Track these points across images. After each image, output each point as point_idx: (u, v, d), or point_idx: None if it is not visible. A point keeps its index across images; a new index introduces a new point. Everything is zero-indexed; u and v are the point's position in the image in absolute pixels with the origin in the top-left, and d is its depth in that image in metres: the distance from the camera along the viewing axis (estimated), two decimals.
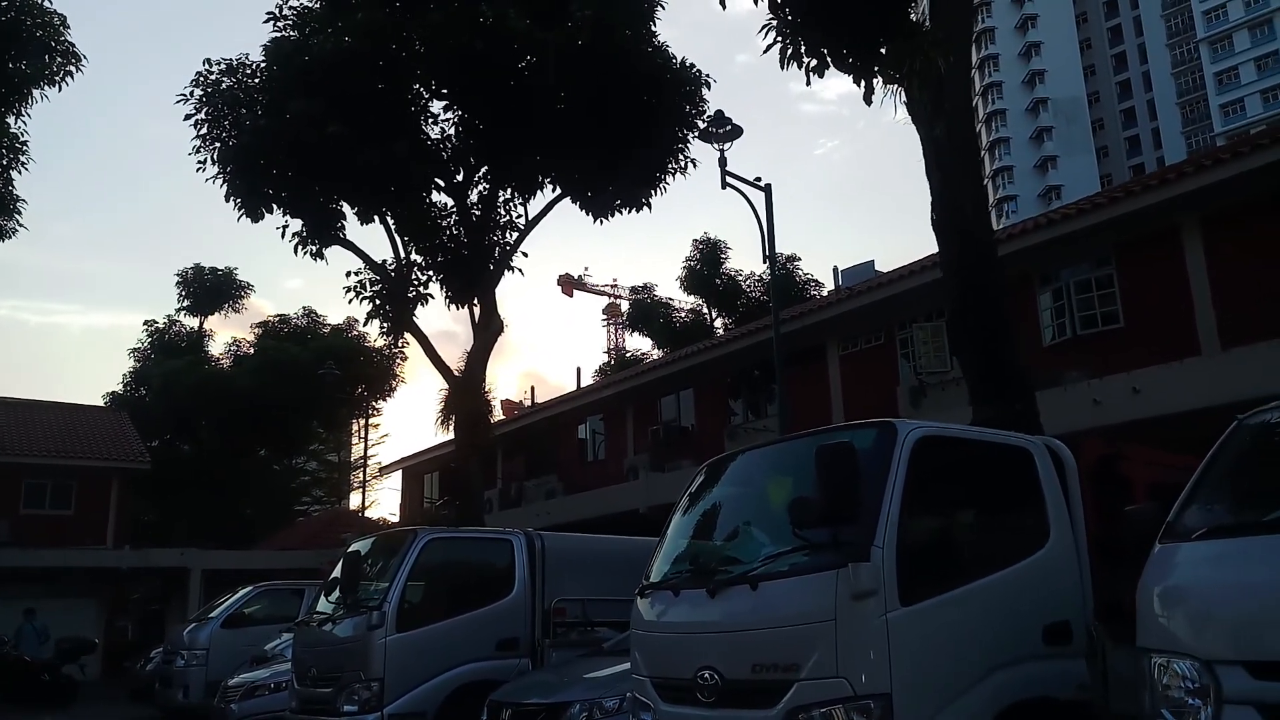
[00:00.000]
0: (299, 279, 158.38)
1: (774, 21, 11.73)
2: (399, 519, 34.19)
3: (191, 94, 17.92)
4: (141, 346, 41.70)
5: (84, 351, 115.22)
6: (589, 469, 25.65)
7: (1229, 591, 3.45)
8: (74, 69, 19.97)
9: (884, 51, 11.25)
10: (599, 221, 21.19)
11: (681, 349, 28.24)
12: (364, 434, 31.28)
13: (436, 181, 20.24)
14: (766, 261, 15.15)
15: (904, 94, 10.94)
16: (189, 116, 17.84)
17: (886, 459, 4.71)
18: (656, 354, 45.93)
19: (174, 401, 36.06)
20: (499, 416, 41.10)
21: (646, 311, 47.07)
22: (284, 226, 18.84)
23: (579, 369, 36.65)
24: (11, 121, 19.72)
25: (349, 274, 20.06)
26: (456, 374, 20.48)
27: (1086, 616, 5.04)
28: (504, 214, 20.90)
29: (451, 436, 21.59)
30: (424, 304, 20.04)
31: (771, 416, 20.28)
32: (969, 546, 5.16)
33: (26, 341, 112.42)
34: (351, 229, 19.76)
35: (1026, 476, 5.26)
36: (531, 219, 20.91)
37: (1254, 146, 13.22)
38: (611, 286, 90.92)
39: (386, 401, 41.64)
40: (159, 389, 36.95)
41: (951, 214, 10.33)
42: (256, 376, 36.40)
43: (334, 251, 19.72)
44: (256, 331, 41.75)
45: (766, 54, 11.95)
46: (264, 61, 18.42)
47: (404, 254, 20.15)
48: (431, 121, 20.31)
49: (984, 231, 10.46)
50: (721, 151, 14.68)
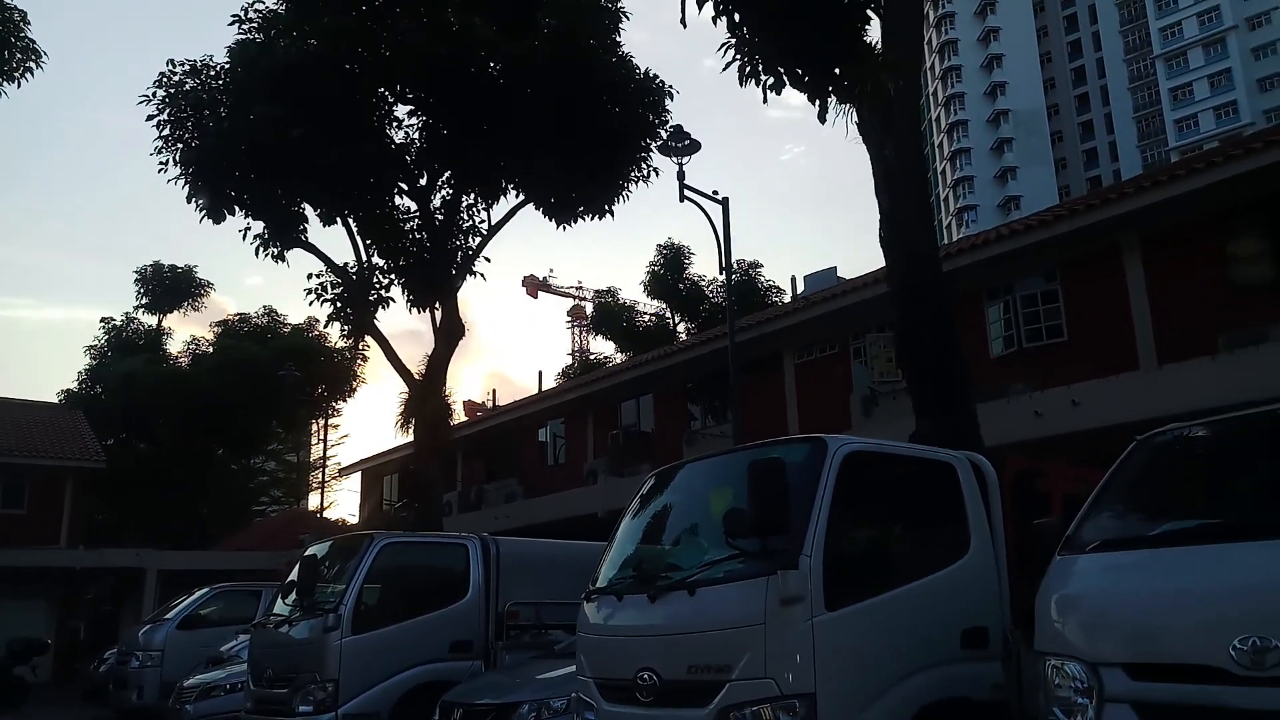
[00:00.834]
0: (260, 276, 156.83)
1: (733, 40, 12.11)
2: (358, 520, 34.17)
3: (154, 94, 17.91)
4: (98, 344, 41.28)
5: (39, 347, 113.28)
6: (549, 472, 25.84)
7: (1112, 600, 3.79)
8: (34, 65, 19.86)
9: (838, 72, 11.65)
10: (562, 228, 21.46)
11: (642, 355, 28.52)
12: (323, 434, 31.20)
13: (400, 185, 20.38)
14: (722, 273, 15.45)
15: (855, 114, 11.33)
16: (151, 118, 17.82)
17: (817, 473, 5.00)
18: (620, 357, 46.19)
19: (131, 400, 35.71)
20: (461, 418, 41.16)
21: (610, 315, 47.30)
22: (246, 229, 18.90)
23: (540, 373, 36.86)
24: None
25: (310, 276, 20.15)
26: (417, 377, 20.62)
27: (1004, 622, 5.36)
28: (467, 219, 21.07)
29: (412, 439, 21.70)
30: (385, 307, 20.15)
31: (730, 422, 20.62)
32: (892, 555, 5.47)
33: None
34: (314, 230, 19.83)
35: (950, 490, 5.59)
36: (494, 224, 21.11)
37: (1190, 170, 13.75)
38: (576, 289, 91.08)
39: (347, 402, 41.55)
40: (116, 387, 36.58)
41: (899, 232, 10.68)
42: (215, 375, 36.16)
43: (296, 253, 19.81)
44: (216, 330, 41.47)
45: (726, 71, 12.40)
46: (228, 63, 18.46)
47: (366, 257, 20.26)
48: (396, 125, 20.45)
49: (930, 250, 10.81)
50: (680, 165, 15.00)
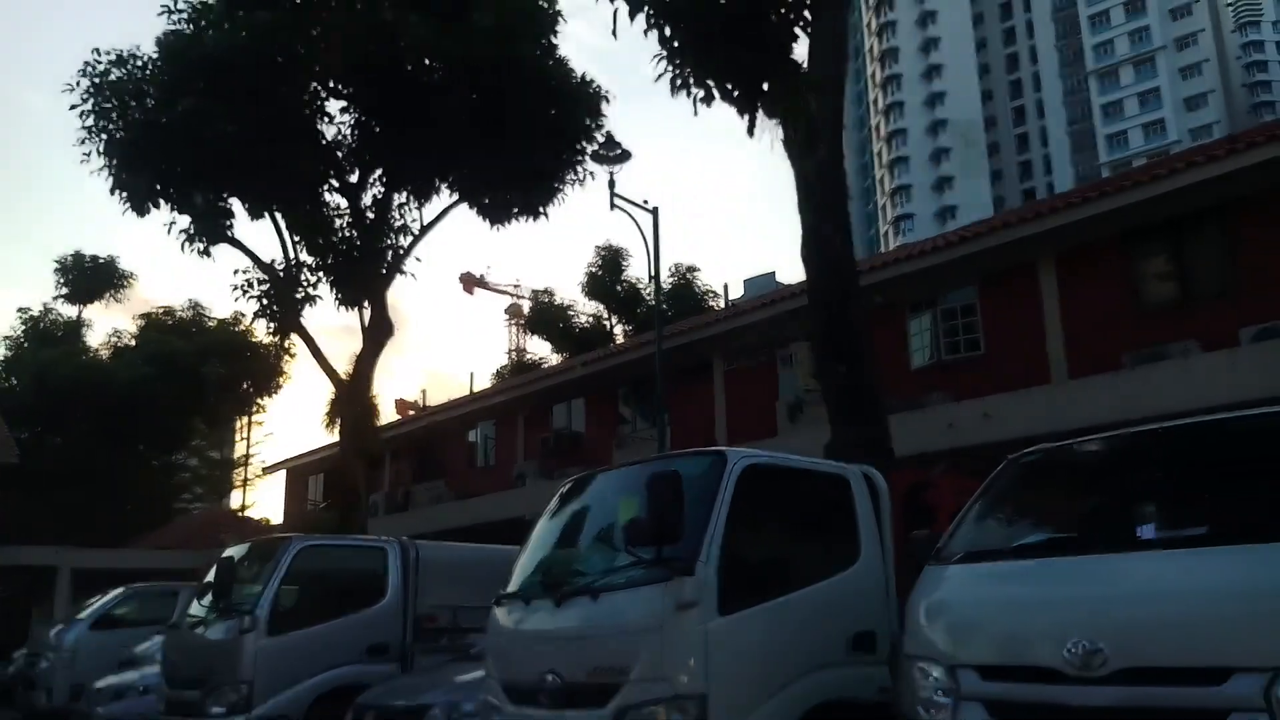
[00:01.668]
0: (187, 268, 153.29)
1: (665, 52, 12.34)
2: (282, 520, 33.68)
3: (78, 84, 17.58)
4: (14, 335, 40.09)
5: None
6: (478, 474, 25.83)
7: (968, 607, 4.08)
8: None
9: (766, 88, 11.96)
10: (496, 228, 21.52)
11: (575, 358, 28.62)
12: (248, 432, 30.70)
13: (330, 182, 20.25)
14: (652, 281, 15.69)
15: (781, 130, 11.64)
16: (74, 107, 17.50)
17: (716, 484, 5.22)
18: (556, 358, 46.21)
19: (47, 393, 34.73)
20: (394, 416, 40.80)
21: (546, 316, 47.27)
22: (171, 223, 18.62)
23: (472, 374, 36.80)
24: None
25: (236, 272, 19.94)
26: (345, 376, 20.49)
27: (891, 626, 5.63)
28: (399, 217, 21.00)
29: (338, 438, 21.55)
30: (312, 305, 20.03)
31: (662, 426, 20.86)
32: (785, 563, 5.71)
33: None
34: (241, 225, 19.66)
35: (843, 501, 5.85)
36: (426, 223, 21.09)
37: (1100, 193, 14.36)
38: (514, 286, 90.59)
39: (273, 398, 40.94)
40: (31, 379, 35.59)
41: (819, 247, 10.99)
42: (137, 369, 35.37)
43: (222, 248, 19.56)
44: (139, 322, 40.53)
45: (658, 81, 12.62)
46: (156, 54, 18.19)
47: (294, 254, 20.09)
48: (328, 121, 20.34)
49: (848, 266, 11.13)
50: (611, 174, 15.20)
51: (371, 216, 20.49)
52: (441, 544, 10.96)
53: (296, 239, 20.29)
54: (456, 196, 20.82)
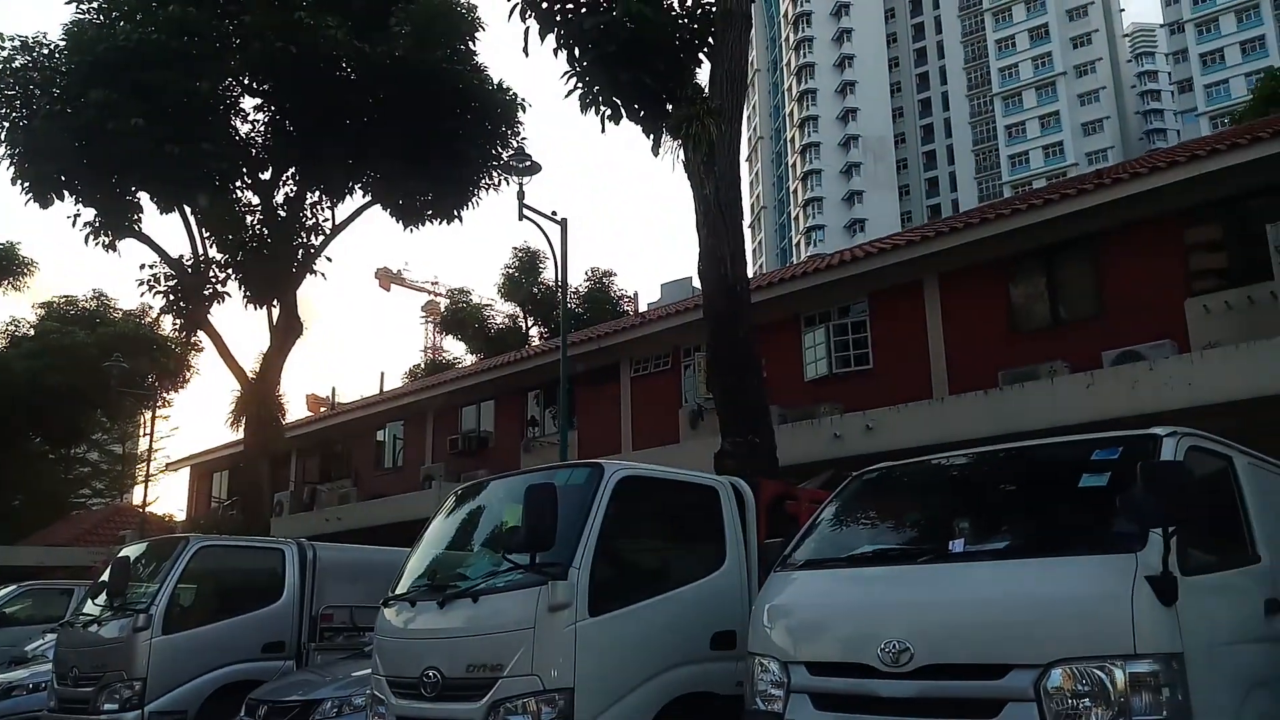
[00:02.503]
0: (94, 259, 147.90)
1: (575, 70, 12.77)
2: (186, 517, 33.08)
3: None
4: None
5: None
6: (386, 475, 25.86)
7: (802, 610, 4.62)
8: None
9: (670, 109, 12.47)
10: (409, 230, 21.65)
11: (485, 361, 28.77)
12: (151, 426, 30.09)
13: (243, 178, 20.17)
14: (560, 292, 16.06)
15: (682, 152, 12.16)
16: None
17: (592, 494, 5.67)
18: (471, 359, 46.15)
19: None
20: (305, 412, 40.27)
21: (461, 316, 47.18)
22: (76, 215, 18.35)
23: (382, 373, 36.58)
24: None
25: (142, 267, 19.72)
26: (252, 374, 20.42)
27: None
28: (311, 216, 21.04)
29: (243, 436, 21.41)
30: (220, 302, 19.94)
31: (570, 430, 21.24)
32: (655, 568, 6.19)
33: None
34: (150, 218, 19.43)
35: (712, 510, 6.35)
36: (339, 223, 21.15)
37: (981, 219, 15.26)
38: (432, 284, 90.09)
39: (178, 393, 40.11)
40: None
41: (714, 266, 11.54)
42: (35, 359, 34.33)
43: (129, 241, 19.31)
44: (39, 312, 39.28)
45: (568, 99, 13.04)
46: (64, 43, 17.91)
47: (203, 250, 19.96)
48: (242, 118, 20.27)
49: (741, 285, 11.69)
50: (520, 186, 15.54)
51: (283, 214, 20.47)
52: (340, 546, 11.22)
53: (206, 234, 20.17)
54: (370, 197, 20.92)
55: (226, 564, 9.81)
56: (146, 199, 18.92)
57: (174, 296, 19.61)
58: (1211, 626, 4.01)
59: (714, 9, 12.29)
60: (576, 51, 12.37)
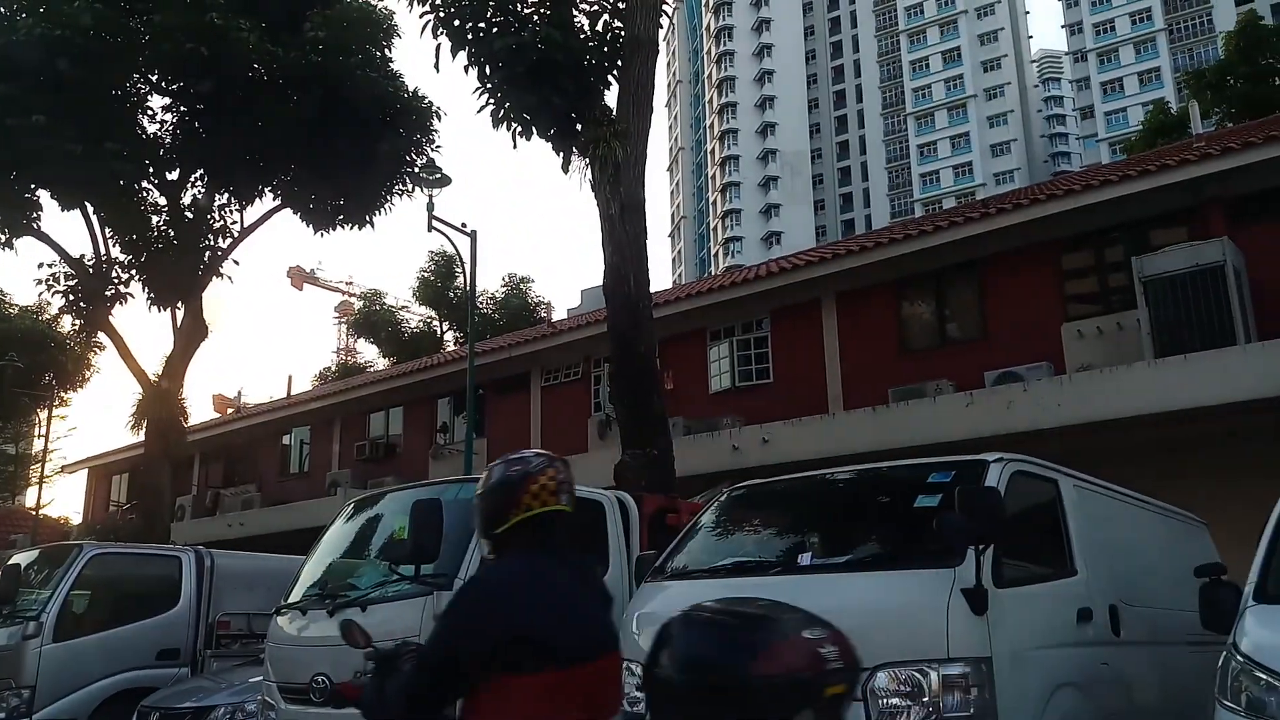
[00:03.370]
0: None
1: (487, 86, 13.05)
2: (82, 521, 32.16)
3: None
4: None
5: None
6: (291, 481, 25.60)
7: (662, 618, 4.98)
8: None
9: (579, 128, 12.83)
10: (319, 234, 21.59)
11: (396, 368, 28.66)
12: (47, 427, 29.23)
13: (149, 178, 19.88)
14: (469, 303, 16.27)
15: (590, 172, 12.52)
16: None
17: None
18: (384, 362, 45.76)
19: None
20: (211, 413, 39.39)
21: (374, 320, 46.76)
22: None
23: (290, 377, 36.10)
24: None
25: (41, 265, 19.30)
26: (154, 378, 20.10)
27: None
28: (219, 218, 20.83)
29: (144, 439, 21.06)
30: (123, 303, 19.63)
31: (478, 440, 21.39)
32: None
33: None
34: (50, 214, 19.04)
35: (597, 523, 6.72)
36: (248, 226, 20.97)
37: (875, 244, 15.99)
38: (346, 284, 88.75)
39: (77, 393, 38.88)
40: None
41: (618, 283, 11.94)
42: None
43: (28, 240, 18.89)
44: None
45: (480, 113, 13.31)
46: None
47: (105, 250, 19.61)
48: (149, 117, 19.98)
49: (644, 303, 12.10)
50: (430, 198, 15.72)
51: (190, 216, 20.24)
52: (238, 553, 11.27)
53: (110, 234, 19.83)
54: (279, 201, 20.81)
55: (121, 571, 9.82)
56: (47, 197, 18.56)
57: (74, 297, 19.24)
58: (1022, 633, 4.50)
59: (623, 34, 12.70)
60: (487, 70, 12.67)
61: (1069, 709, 4.69)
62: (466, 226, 15.68)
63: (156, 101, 19.95)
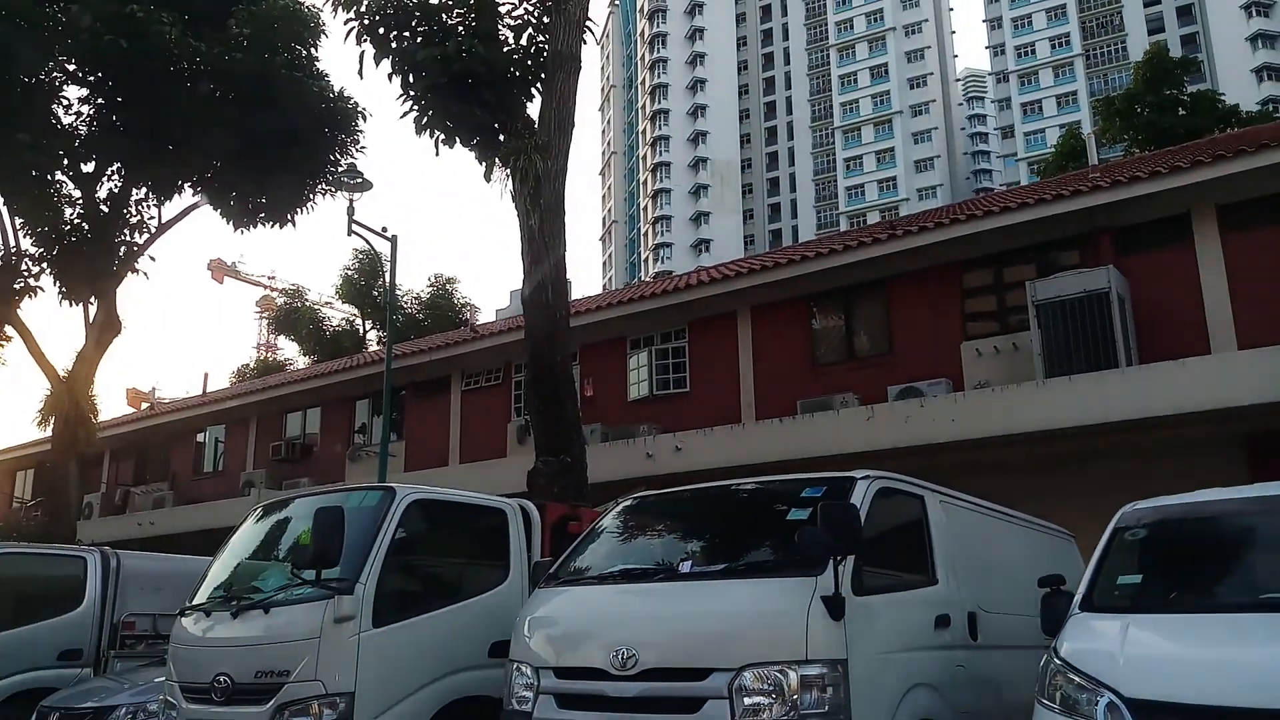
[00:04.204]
0: None
1: (411, 94, 13.19)
2: None
3: None
4: None
5: None
6: (205, 480, 25.24)
7: (552, 622, 5.33)
8: None
9: (502, 139, 13.05)
10: (239, 231, 21.39)
11: (314, 368, 28.40)
12: None
13: (63, 170, 19.51)
14: (388, 308, 16.36)
15: (510, 183, 12.74)
16: None
17: (383, 515, 6.20)
18: (304, 360, 45.16)
19: None
20: (125, 409, 38.41)
21: (295, 317, 46.14)
22: None
23: (206, 374, 35.46)
24: None
25: None
26: (64, 373, 19.70)
27: None
28: (135, 213, 20.50)
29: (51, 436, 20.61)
30: (32, 296, 19.22)
31: (397, 442, 21.40)
32: (440, 583, 6.77)
33: None
34: None
35: (499, 530, 6.98)
36: (165, 222, 20.71)
37: (788, 260, 16.53)
38: (269, 278, 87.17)
39: None
40: None
41: (536, 293, 12.20)
42: None
43: None
44: None
45: (403, 119, 13.43)
46: None
47: (15, 242, 19.19)
48: (65, 108, 19.61)
49: (561, 312, 12.38)
50: (351, 202, 15.78)
51: (106, 210, 19.90)
52: (146, 554, 11.25)
53: (19, 224, 19.40)
54: (199, 197, 20.59)
55: (23, 571, 9.76)
56: None
57: None
58: (879, 637, 4.91)
59: (547, 49, 12.95)
60: (411, 78, 12.82)
61: (923, 706, 5.12)
62: (387, 231, 15.78)
63: (73, 92, 19.60)
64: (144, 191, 20.36)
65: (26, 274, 19.00)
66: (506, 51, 13.05)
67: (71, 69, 18.97)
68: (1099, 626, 4.53)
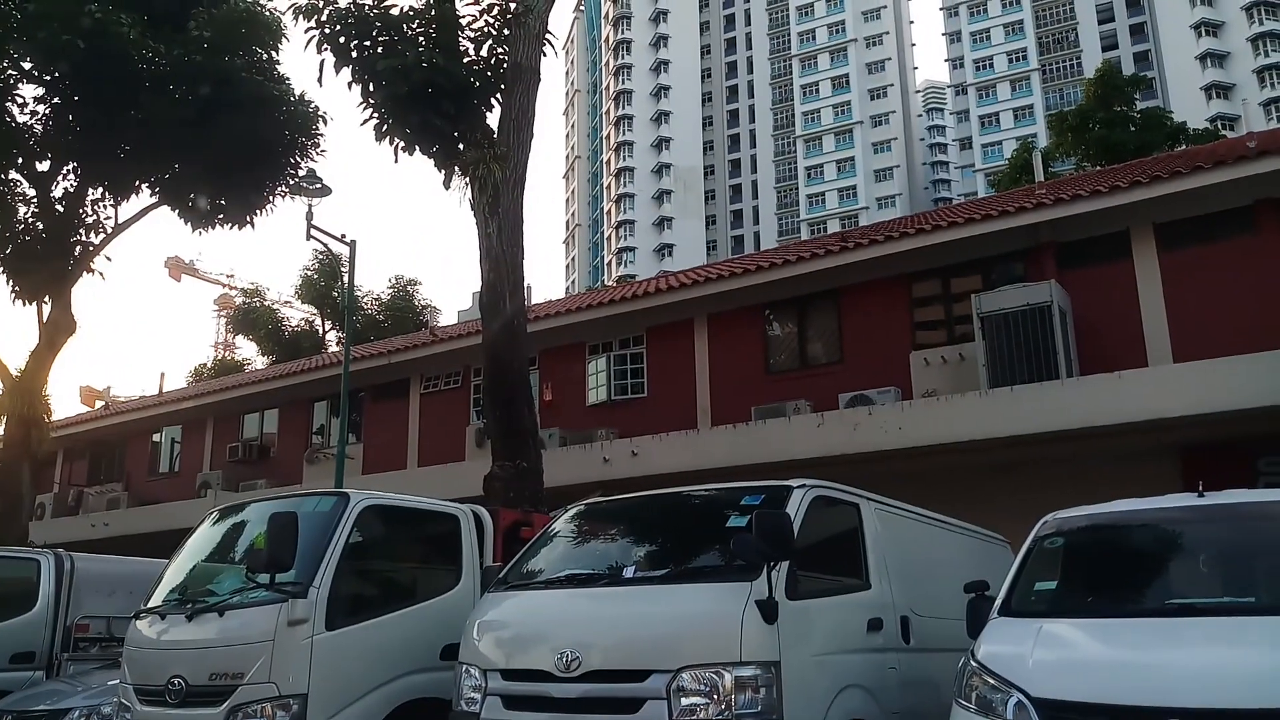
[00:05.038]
0: None
1: (371, 103, 13.30)
2: None
3: None
4: None
5: None
6: (160, 481, 25.04)
7: (500, 625, 5.54)
8: None
9: (462, 148, 13.20)
10: (198, 233, 21.28)
11: (272, 369, 28.25)
12: None
13: (17, 169, 19.31)
14: (345, 313, 16.43)
15: (469, 191, 12.90)
16: None
17: (337, 520, 6.36)
18: (262, 360, 44.80)
19: None
20: (80, 407, 37.83)
21: (254, 316, 45.74)
22: None
23: (162, 374, 35.02)
24: None
25: None
26: (16, 372, 19.48)
27: None
28: (91, 213, 20.32)
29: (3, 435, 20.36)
30: None
31: (355, 444, 21.43)
32: (393, 587, 6.94)
33: None
34: None
35: (452, 535, 7.16)
36: (122, 223, 20.54)
37: (744, 269, 16.83)
38: (228, 277, 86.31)
39: None
40: None
41: (494, 300, 12.36)
42: None
43: None
44: None
45: (364, 126, 13.54)
46: None
47: None
48: (20, 106, 19.41)
49: (518, 319, 12.53)
50: (310, 207, 15.84)
51: (61, 209, 19.71)
52: (100, 556, 11.25)
53: None
54: (156, 197, 20.46)
55: None
56: None
57: None
58: (812, 640, 5.16)
59: (506, 60, 13.13)
60: (371, 87, 12.93)
61: (854, 707, 5.38)
62: (346, 236, 15.86)
63: (28, 90, 19.40)
64: (100, 191, 20.16)
65: None
66: (467, 63, 13.21)
67: (27, 67, 18.80)
68: (1014, 630, 4.81)
